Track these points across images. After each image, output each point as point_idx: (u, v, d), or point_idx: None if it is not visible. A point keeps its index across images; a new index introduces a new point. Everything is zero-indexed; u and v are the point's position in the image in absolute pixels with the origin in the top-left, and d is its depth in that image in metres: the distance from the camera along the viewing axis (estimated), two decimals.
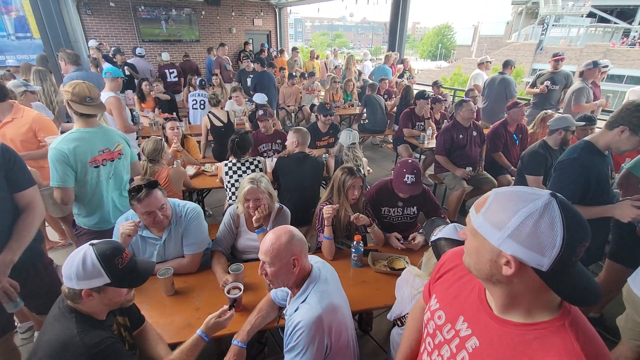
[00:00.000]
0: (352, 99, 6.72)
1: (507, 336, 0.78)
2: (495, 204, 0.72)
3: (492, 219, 0.71)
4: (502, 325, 0.79)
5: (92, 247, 1.17)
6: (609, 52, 24.38)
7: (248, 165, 2.88)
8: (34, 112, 2.57)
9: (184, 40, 10.65)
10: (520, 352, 0.74)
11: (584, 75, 4.20)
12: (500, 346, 0.78)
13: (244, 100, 5.43)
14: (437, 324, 0.95)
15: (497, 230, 0.70)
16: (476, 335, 0.84)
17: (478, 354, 0.82)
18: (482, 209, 0.74)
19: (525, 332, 0.75)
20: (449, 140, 3.67)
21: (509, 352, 0.76)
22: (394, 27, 8.04)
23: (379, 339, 2.37)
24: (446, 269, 1.01)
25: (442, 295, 0.98)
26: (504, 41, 36.55)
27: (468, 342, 0.85)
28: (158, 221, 1.80)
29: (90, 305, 1.18)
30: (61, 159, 1.86)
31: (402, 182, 2.28)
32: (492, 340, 0.80)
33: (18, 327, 2.30)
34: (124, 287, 1.22)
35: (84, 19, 8.94)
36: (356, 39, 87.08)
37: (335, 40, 68.49)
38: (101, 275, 1.13)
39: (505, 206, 0.71)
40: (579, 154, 1.83)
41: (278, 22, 12.28)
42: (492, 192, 0.76)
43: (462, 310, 0.90)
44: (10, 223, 1.52)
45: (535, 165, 2.99)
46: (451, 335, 0.90)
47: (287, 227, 1.38)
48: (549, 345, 0.72)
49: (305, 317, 1.25)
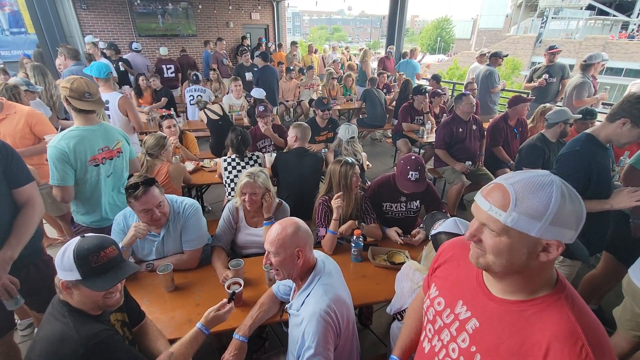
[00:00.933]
0: (351, 94, 6.68)
1: (505, 314, 0.81)
2: (524, 195, 0.71)
3: (528, 211, 0.70)
4: (500, 305, 0.82)
5: (79, 239, 1.15)
6: (608, 44, 24.30)
7: (247, 161, 2.86)
8: (27, 107, 2.54)
9: (181, 35, 10.54)
10: (519, 327, 0.78)
11: (586, 69, 4.18)
12: (500, 324, 0.81)
13: (242, 94, 5.39)
14: (436, 310, 0.98)
15: (537, 221, 0.69)
16: (476, 317, 0.87)
17: (478, 333, 0.85)
18: (511, 205, 0.71)
19: (525, 309, 0.78)
20: (449, 134, 3.64)
21: (508, 328, 0.79)
22: (393, 20, 7.97)
23: (379, 333, 2.38)
24: (444, 259, 1.04)
25: (441, 283, 1.01)
26: (503, 34, 36.38)
27: (468, 324, 0.88)
28: (155, 219, 1.79)
29: (76, 301, 1.15)
30: (61, 157, 1.84)
31: (406, 179, 2.26)
32: (491, 319, 0.83)
33: (18, 324, 2.31)
34: (91, 288, 1.12)
35: (79, 14, 8.83)
36: (354, 32, 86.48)
37: (334, 34, 68.03)
38: (72, 269, 1.10)
39: (535, 195, 0.70)
40: (581, 146, 1.83)
41: (276, 15, 12.17)
42: (504, 187, 0.74)
43: (460, 295, 0.93)
44: (9, 219, 1.51)
45: (533, 158, 2.99)
46: (451, 319, 0.93)
47: (293, 219, 1.38)
48: (546, 317, 0.75)
49: (315, 311, 1.25)
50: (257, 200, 2.03)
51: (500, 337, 0.80)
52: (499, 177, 0.79)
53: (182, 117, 4.79)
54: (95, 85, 1.97)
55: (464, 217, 1.54)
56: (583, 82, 4.17)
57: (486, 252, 0.78)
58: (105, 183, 2.08)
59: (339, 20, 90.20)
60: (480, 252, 0.80)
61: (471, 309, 0.88)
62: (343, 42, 46.74)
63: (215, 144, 4.19)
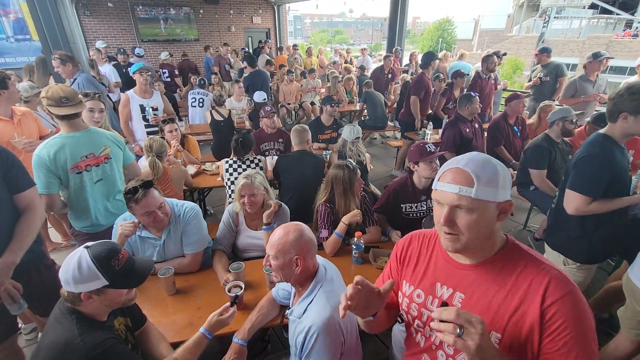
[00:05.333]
0: (351, 97, 6.69)
1: (482, 275, 0.91)
2: (479, 171, 0.84)
3: (487, 182, 0.83)
4: (475, 270, 0.92)
5: (87, 249, 1.15)
6: (612, 43, 24.15)
7: (248, 164, 2.87)
8: (24, 108, 2.64)
9: (184, 40, 10.63)
10: (500, 280, 0.88)
11: (585, 69, 4.16)
12: (482, 285, 0.90)
13: (244, 98, 5.40)
14: (418, 303, 1.03)
15: (494, 188, 0.83)
16: (458, 290, 0.94)
17: (467, 302, 0.92)
18: (475, 181, 0.83)
19: (494, 265, 0.90)
20: (459, 134, 3.55)
21: (491, 286, 0.89)
22: (394, 22, 7.98)
23: (380, 335, 2.36)
24: (403, 254, 1.11)
25: (412, 277, 1.06)
26: (505, 34, 36.23)
27: (454, 300, 0.94)
28: (159, 220, 1.79)
29: (92, 307, 1.17)
30: (42, 165, 1.85)
31: (427, 153, 2.25)
32: (472, 285, 0.92)
33: (22, 329, 2.32)
34: (122, 287, 1.20)
35: (82, 20, 8.94)
36: (356, 35, 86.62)
37: (335, 37, 68.16)
38: (98, 277, 1.12)
39: (486, 169, 0.85)
40: (600, 148, 1.79)
41: (277, 19, 12.24)
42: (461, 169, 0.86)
43: (434, 277, 1.00)
44: (10, 224, 1.52)
45: (539, 158, 2.97)
46: (436, 303, 0.98)
47: (298, 225, 1.36)
48: (516, 262, 0.89)
49: (317, 320, 1.23)
50: (257, 201, 2.03)
51: (487, 296, 0.89)
52: (445, 164, 0.91)
53: (184, 121, 4.82)
54: (73, 89, 1.95)
55: None
56: (571, 82, 4.21)
57: (460, 233, 0.86)
58: (93, 190, 2.05)
59: (340, 23, 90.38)
60: (454, 236, 0.87)
61: (451, 285, 0.96)
62: (345, 44, 46.89)
63: (216, 145, 4.21)
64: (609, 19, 31.69)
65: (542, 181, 2.97)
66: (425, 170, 2.29)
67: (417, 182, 2.38)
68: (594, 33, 27.66)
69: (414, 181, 2.39)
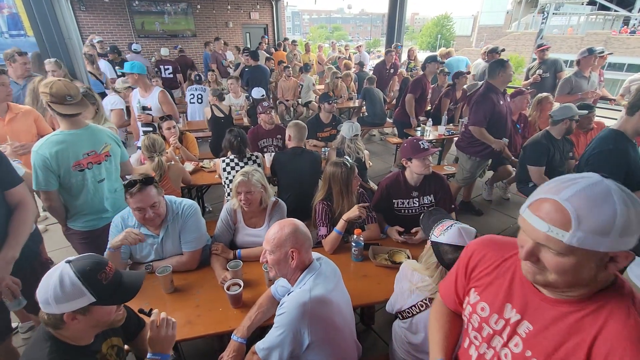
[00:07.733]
0: (349, 92, 6.66)
1: (562, 315, 0.76)
2: (585, 212, 0.65)
3: (595, 228, 0.64)
4: (555, 305, 0.78)
5: (69, 264, 1.02)
6: (610, 40, 24.14)
7: (246, 162, 2.85)
8: (27, 106, 2.64)
9: (180, 35, 10.55)
10: (578, 327, 0.74)
11: (578, 65, 4.14)
12: (557, 326, 0.76)
13: (241, 93, 5.37)
14: (481, 317, 0.93)
15: (605, 237, 0.64)
16: (527, 319, 0.82)
17: (533, 337, 0.80)
18: (573, 224, 0.65)
19: (583, 308, 0.74)
20: (491, 106, 3.02)
21: (566, 330, 0.75)
22: (392, 18, 7.93)
23: (380, 331, 2.37)
24: (475, 261, 0.99)
25: (482, 287, 0.95)
26: (503, 31, 36.17)
27: (520, 328, 0.83)
28: (148, 218, 1.76)
29: (75, 330, 1.05)
30: (42, 164, 1.81)
31: (420, 150, 2.21)
32: (546, 321, 0.79)
33: (19, 327, 2.31)
34: (111, 304, 1.09)
35: (78, 15, 8.85)
36: (354, 31, 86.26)
37: (334, 33, 67.83)
38: (83, 294, 1.00)
39: (598, 210, 0.65)
40: (614, 144, 1.77)
41: (275, 15, 12.14)
42: (559, 203, 0.68)
43: (507, 298, 0.88)
44: (4, 221, 1.51)
45: (538, 155, 2.96)
46: (501, 325, 0.88)
47: (292, 220, 1.42)
48: (606, 314, 0.71)
49: (292, 301, 1.29)
50: (254, 198, 2.01)
51: (558, 340, 0.75)
52: (542, 189, 0.73)
53: (182, 118, 4.78)
54: (76, 86, 1.89)
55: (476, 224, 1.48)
56: (566, 79, 4.19)
57: (546, 270, 0.73)
58: (94, 188, 2.02)
59: (338, 19, 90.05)
60: (538, 270, 0.75)
61: (521, 311, 0.84)
62: (343, 40, 46.63)
63: (215, 142, 4.18)
64: (607, 16, 31.69)
65: (540, 178, 2.97)
66: (418, 167, 2.25)
67: (409, 178, 2.36)
68: (592, 30, 27.63)
69: (406, 177, 2.37)
